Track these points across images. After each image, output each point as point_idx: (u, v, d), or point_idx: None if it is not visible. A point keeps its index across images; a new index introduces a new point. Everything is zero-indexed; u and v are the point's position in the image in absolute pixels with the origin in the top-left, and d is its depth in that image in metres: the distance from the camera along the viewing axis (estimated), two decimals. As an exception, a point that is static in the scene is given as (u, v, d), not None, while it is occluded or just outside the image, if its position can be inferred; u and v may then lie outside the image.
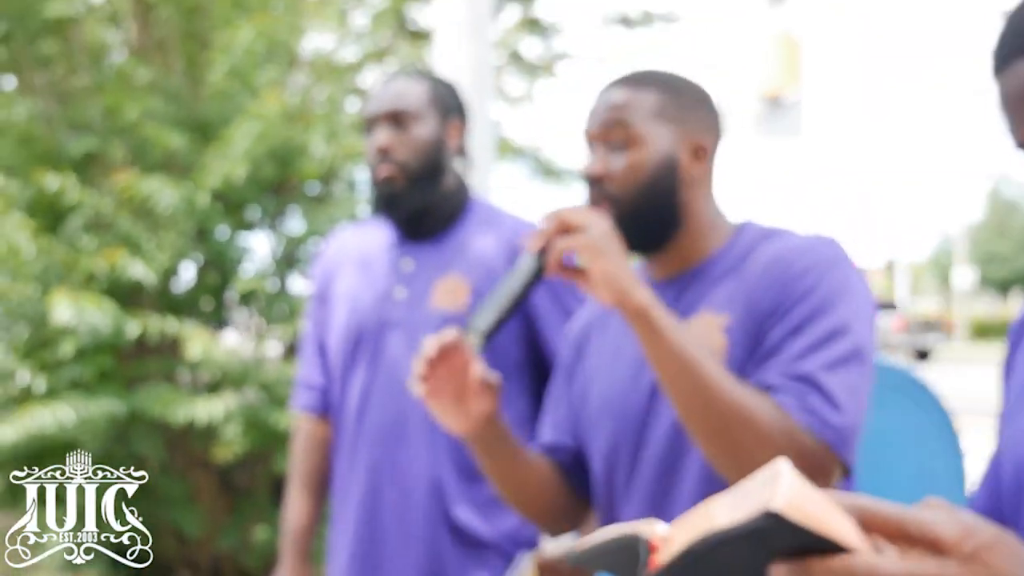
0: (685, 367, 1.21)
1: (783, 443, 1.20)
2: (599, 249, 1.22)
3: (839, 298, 1.28)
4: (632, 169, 1.36)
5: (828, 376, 1.23)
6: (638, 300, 1.22)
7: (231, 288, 3.92)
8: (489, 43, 3.20)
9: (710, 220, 1.41)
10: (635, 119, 1.37)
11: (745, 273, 1.34)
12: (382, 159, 1.90)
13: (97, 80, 4.22)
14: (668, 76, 1.42)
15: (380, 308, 1.94)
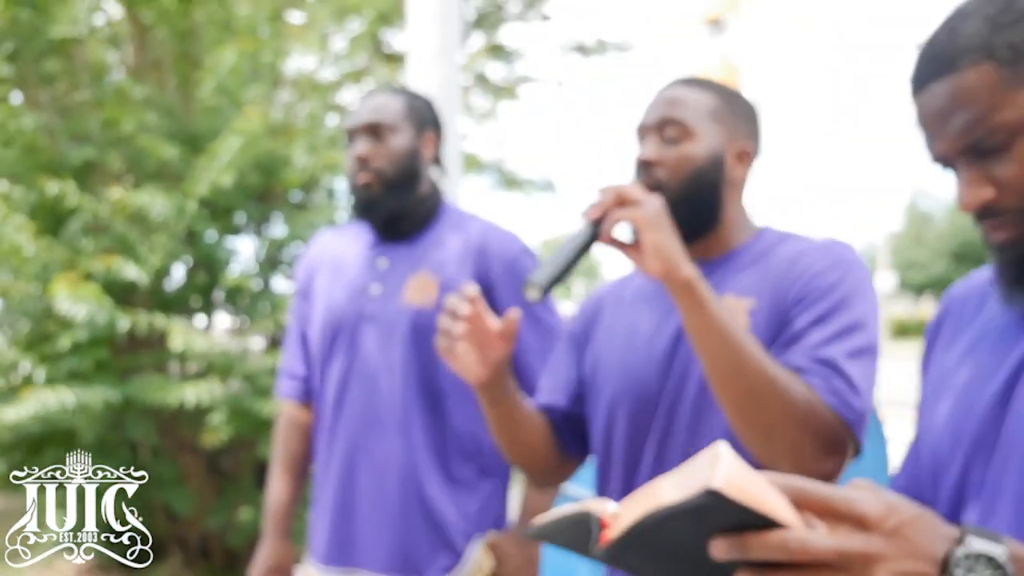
0: (725, 339, 1.19)
1: (808, 419, 1.19)
2: (653, 223, 1.20)
3: (858, 297, 1.28)
4: (683, 159, 1.35)
5: (849, 363, 1.24)
6: (686, 273, 1.20)
7: (218, 287, 3.90)
8: (457, 66, 3.21)
9: (739, 218, 1.41)
10: (690, 115, 1.37)
11: (769, 265, 1.35)
12: (360, 167, 1.91)
13: (97, 96, 4.19)
14: (723, 86, 1.43)
15: (357, 303, 1.95)
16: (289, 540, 2.06)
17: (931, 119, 0.94)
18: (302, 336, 2.08)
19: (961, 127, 0.91)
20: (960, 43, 0.91)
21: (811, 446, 1.19)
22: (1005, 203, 0.92)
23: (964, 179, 0.93)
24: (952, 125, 0.92)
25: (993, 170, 0.91)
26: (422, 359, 1.88)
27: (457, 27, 3.21)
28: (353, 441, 1.92)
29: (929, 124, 0.94)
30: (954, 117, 0.91)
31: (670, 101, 1.38)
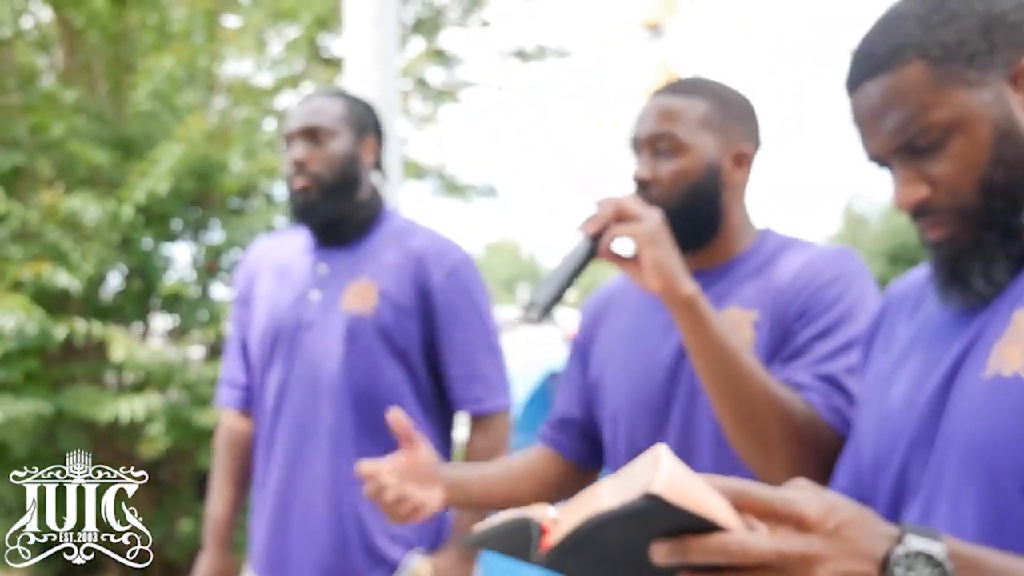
0: (724, 357, 1.18)
1: (808, 436, 1.19)
2: (653, 239, 1.18)
3: (861, 308, 1.28)
4: (678, 175, 1.34)
5: (851, 379, 1.23)
6: (686, 290, 1.18)
7: (155, 295, 3.85)
8: (395, 70, 3.21)
9: (741, 223, 1.40)
10: (682, 128, 1.34)
11: (772, 275, 1.34)
12: (297, 171, 1.90)
13: (26, 100, 4.10)
14: (716, 85, 1.40)
15: (296, 309, 1.94)
16: (230, 551, 2.04)
17: (865, 118, 0.95)
18: (242, 343, 2.06)
19: (895, 126, 0.92)
20: (893, 42, 0.92)
21: (811, 464, 1.18)
22: (939, 201, 0.93)
23: (899, 178, 0.94)
24: (886, 124, 0.93)
25: (927, 168, 0.92)
26: (358, 368, 1.88)
27: (395, 31, 3.22)
28: (290, 450, 1.91)
29: (864, 123, 0.95)
30: (888, 116, 0.92)
31: (661, 113, 1.36)
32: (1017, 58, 0.91)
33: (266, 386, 1.96)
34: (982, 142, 0.90)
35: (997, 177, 0.91)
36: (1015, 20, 0.91)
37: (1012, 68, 0.91)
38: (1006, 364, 0.87)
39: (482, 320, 1.95)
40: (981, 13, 0.91)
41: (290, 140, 1.93)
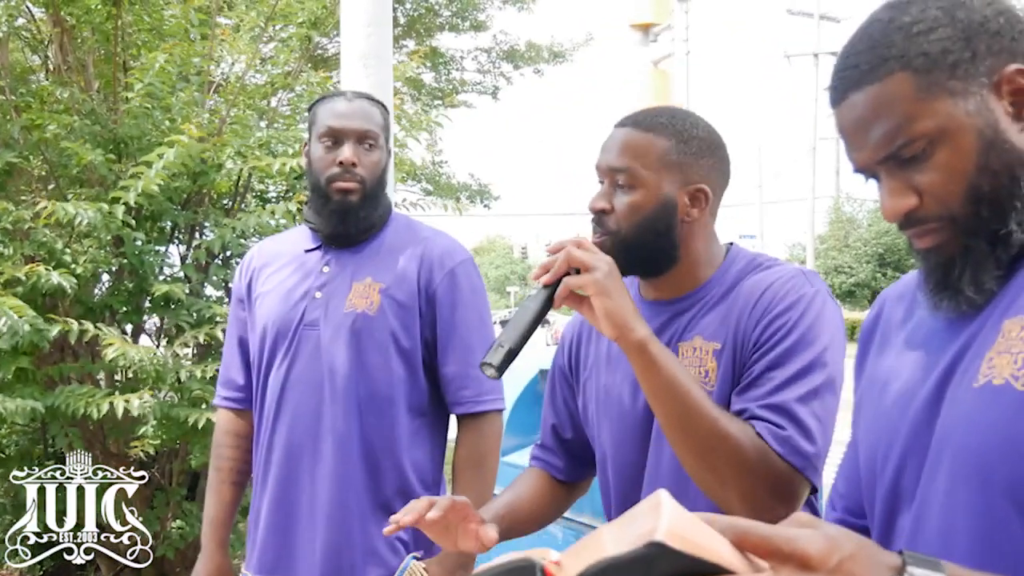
0: (675, 395, 1.24)
1: (759, 468, 1.23)
2: (604, 289, 1.24)
3: (817, 332, 1.30)
4: (632, 209, 1.38)
5: (802, 407, 1.26)
6: (637, 336, 1.24)
7: (147, 294, 3.84)
8: (391, 71, 3.22)
9: (706, 252, 1.44)
10: (640, 164, 1.38)
11: (734, 304, 1.37)
12: (346, 172, 1.90)
13: (19, 99, 4.09)
14: (679, 121, 1.42)
15: (299, 307, 1.94)
16: (227, 551, 2.05)
17: (851, 129, 0.95)
18: (240, 343, 2.06)
19: (881, 136, 0.92)
20: (876, 53, 0.92)
21: (762, 494, 1.22)
22: (927, 210, 0.93)
23: (886, 188, 0.94)
24: (872, 135, 0.93)
25: (914, 178, 0.93)
26: (361, 366, 1.89)
27: (390, 32, 3.22)
28: (290, 449, 1.92)
29: (850, 134, 0.96)
30: (874, 127, 0.93)
31: (621, 148, 1.40)
32: (1000, 66, 0.91)
33: (267, 384, 1.96)
34: (967, 151, 0.91)
35: (983, 185, 0.91)
36: (996, 28, 0.92)
37: (995, 76, 0.91)
38: (996, 373, 0.88)
39: (481, 321, 1.96)
40: (963, 22, 0.92)
41: (337, 138, 1.92)
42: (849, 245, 32.79)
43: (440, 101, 9.87)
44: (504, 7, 11.95)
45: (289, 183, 4.23)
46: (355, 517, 1.88)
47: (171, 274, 4.08)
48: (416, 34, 11.64)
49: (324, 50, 8.21)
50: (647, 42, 11.67)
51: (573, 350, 1.58)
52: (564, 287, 1.27)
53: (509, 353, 1.28)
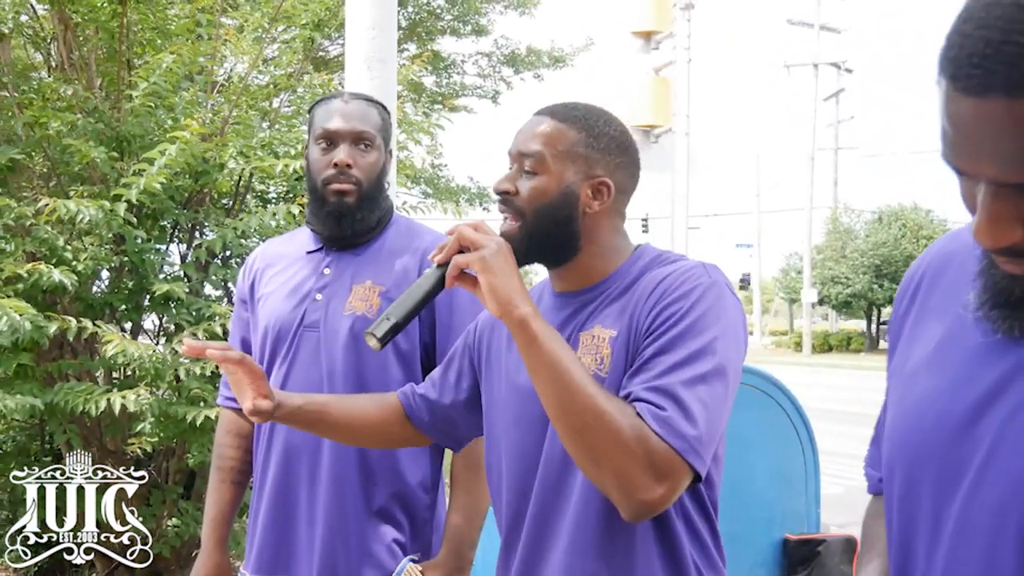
0: (555, 374, 1.26)
1: (636, 447, 1.23)
2: (489, 266, 1.29)
3: (709, 321, 1.31)
4: (535, 192, 1.41)
5: (686, 391, 1.26)
6: (519, 313, 1.28)
7: (147, 292, 3.86)
8: (394, 74, 3.25)
9: (610, 245, 1.46)
10: (548, 151, 1.42)
11: (634, 294, 1.39)
12: (341, 173, 1.91)
13: (22, 95, 4.11)
14: (592, 116, 1.46)
15: (300, 309, 1.96)
16: (227, 550, 2.06)
17: (977, 133, 0.79)
18: (243, 344, 2.08)
19: (1016, 165, 0.78)
20: None
21: (639, 474, 1.22)
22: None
23: (991, 211, 0.82)
24: (1005, 155, 0.78)
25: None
26: (360, 368, 1.90)
27: (394, 36, 3.25)
28: (289, 449, 1.93)
29: (970, 135, 0.79)
30: (1011, 148, 0.77)
31: (532, 134, 1.44)
32: None
33: None
34: None
35: None
36: None
37: None
38: None
39: None
40: None
41: (332, 140, 1.93)
42: (846, 256, 32.83)
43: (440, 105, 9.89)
44: (506, 12, 11.98)
45: (290, 184, 4.26)
46: (352, 519, 1.89)
47: (171, 273, 4.10)
48: (417, 38, 11.67)
49: (326, 52, 8.24)
50: (648, 49, 11.72)
51: (483, 333, 1.61)
52: (453, 265, 1.33)
53: (394, 327, 1.34)
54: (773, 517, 3.18)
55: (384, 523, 1.91)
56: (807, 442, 3.29)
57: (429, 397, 1.66)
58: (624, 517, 1.27)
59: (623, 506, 1.26)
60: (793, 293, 37.95)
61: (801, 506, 3.28)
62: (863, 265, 31.79)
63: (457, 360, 1.65)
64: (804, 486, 3.31)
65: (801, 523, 3.27)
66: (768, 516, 3.18)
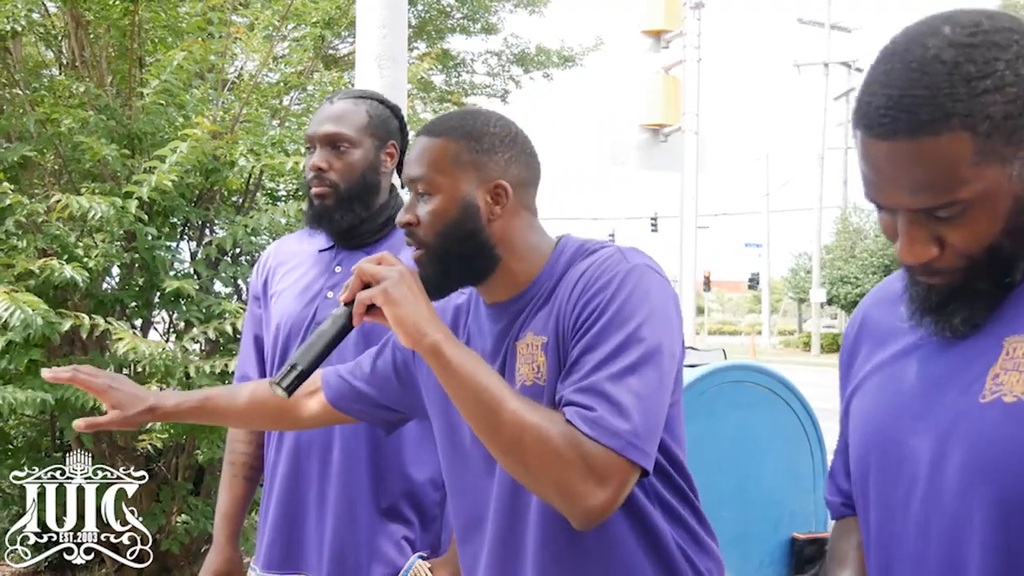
0: (474, 395, 1.23)
1: (569, 455, 1.19)
2: (391, 298, 1.26)
3: (631, 308, 1.27)
4: (434, 216, 1.36)
5: (615, 385, 1.22)
6: (429, 341, 1.25)
7: (157, 289, 3.88)
8: (404, 72, 3.26)
9: (529, 245, 1.41)
10: (434, 170, 1.37)
11: (559, 295, 1.35)
12: (316, 177, 1.92)
13: (34, 93, 4.13)
14: (469, 121, 1.40)
15: (311, 307, 1.97)
16: (238, 545, 2.07)
17: (889, 171, 0.90)
18: (256, 340, 2.09)
19: (925, 192, 0.89)
20: (940, 105, 0.87)
21: (578, 481, 1.19)
22: (945, 262, 0.93)
23: (908, 234, 0.92)
24: (913, 185, 0.89)
25: (939, 231, 0.91)
26: None
27: (404, 34, 3.26)
28: (299, 446, 1.94)
29: (885, 173, 0.91)
30: (919, 179, 0.89)
31: (418, 156, 1.39)
32: None
33: None
34: (1000, 214, 0.90)
35: (1005, 244, 0.91)
36: None
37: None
38: (1007, 390, 0.90)
39: None
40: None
41: (312, 144, 1.95)
42: (856, 256, 32.75)
43: (449, 103, 9.90)
44: (515, 11, 11.98)
45: (300, 182, 4.27)
46: (362, 517, 1.90)
47: (181, 270, 4.11)
48: (427, 36, 11.69)
49: (336, 50, 8.26)
50: (658, 48, 11.71)
51: None
52: (358, 302, 1.30)
53: (301, 374, 1.32)
54: (781, 516, 3.19)
55: (393, 520, 1.92)
56: (816, 441, 3.29)
57: (360, 390, 1.62)
58: (574, 526, 1.24)
59: (570, 515, 1.22)
60: (802, 293, 37.84)
61: (809, 505, 3.28)
62: (873, 265, 31.69)
63: (390, 353, 1.61)
64: (813, 485, 3.31)
65: (809, 522, 3.27)
66: (776, 515, 3.18)
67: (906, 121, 0.88)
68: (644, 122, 11.30)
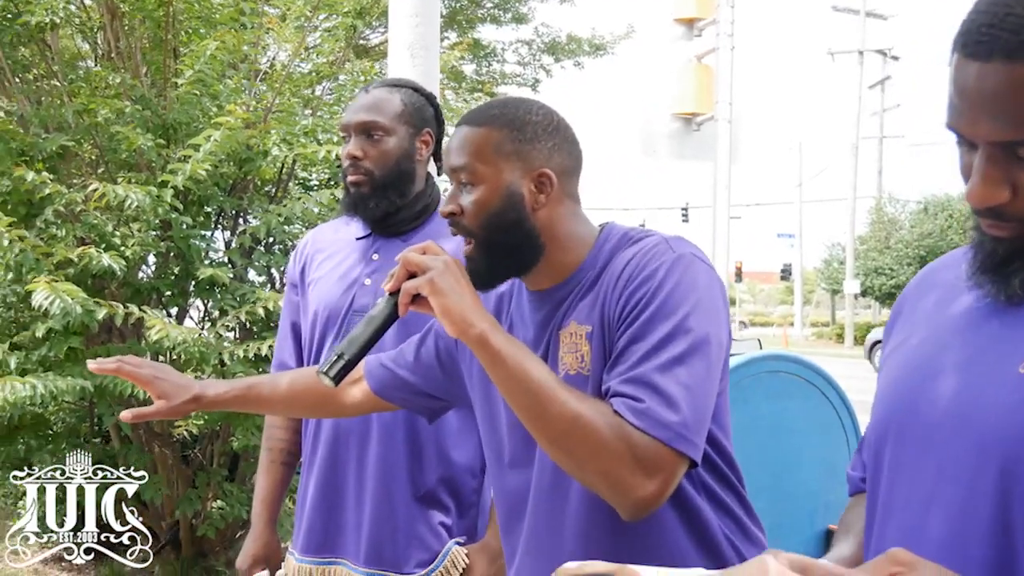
0: (522, 385, 1.23)
1: (618, 446, 1.19)
2: (438, 288, 1.25)
3: (679, 298, 1.26)
4: (478, 206, 1.36)
5: (663, 376, 1.22)
6: (476, 331, 1.24)
7: (192, 278, 3.92)
8: (436, 61, 3.26)
9: (573, 234, 1.41)
10: (477, 159, 1.36)
11: (603, 283, 1.35)
12: (352, 166, 1.94)
13: (71, 84, 4.19)
14: (511, 110, 1.40)
15: (348, 294, 1.99)
16: (276, 530, 2.10)
17: (978, 95, 0.86)
18: (293, 327, 2.11)
19: (1007, 123, 0.85)
20: None
21: (627, 473, 1.19)
22: (1015, 209, 0.89)
23: (983, 172, 0.89)
24: (998, 113, 0.85)
25: (1015, 174, 0.88)
26: None
27: (437, 24, 3.27)
28: (337, 432, 1.96)
29: (971, 97, 0.87)
30: (1005, 107, 0.85)
31: (459, 146, 1.38)
32: None
33: None
34: None
35: None
36: None
37: None
38: None
39: None
40: None
41: (347, 133, 1.96)
42: (890, 247, 32.37)
43: (480, 93, 9.90)
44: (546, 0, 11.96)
45: (332, 171, 4.30)
46: (399, 502, 1.91)
47: (216, 259, 4.16)
48: (458, 26, 11.69)
49: (367, 40, 8.28)
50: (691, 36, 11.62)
51: None
52: (403, 292, 1.29)
53: (347, 364, 1.32)
54: (817, 508, 3.16)
55: (430, 506, 1.93)
56: (852, 432, 3.27)
57: (403, 378, 1.63)
58: (623, 517, 1.24)
59: (618, 506, 1.22)
60: (835, 284, 37.48)
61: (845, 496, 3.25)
62: (908, 256, 31.31)
63: (432, 342, 1.61)
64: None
65: (845, 513, 3.24)
66: (812, 506, 3.16)
67: (1005, 42, 0.84)
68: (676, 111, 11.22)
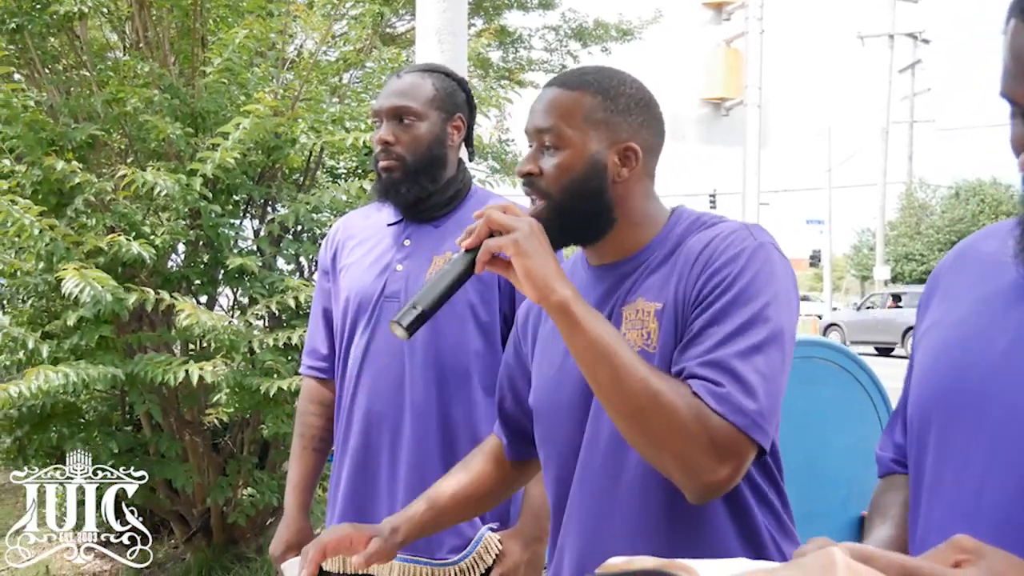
0: (601, 357, 1.20)
1: (695, 428, 1.17)
2: (522, 250, 1.23)
3: (759, 286, 1.25)
4: (560, 170, 1.33)
5: (743, 363, 1.20)
6: (558, 297, 1.22)
7: (221, 266, 3.94)
8: (464, 47, 3.24)
9: (645, 212, 1.39)
10: (565, 123, 1.34)
11: (676, 262, 1.32)
12: (384, 151, 1.93)
13: (100, 73, 4.21)
14: (605, 78, 1.37)
15: (380, 280, 1.98)
16: (308, 515, 2.10)
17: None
18: (325, 313, 2.11)
19: None
20: None
21: (700, 455, 1.17)
22: None
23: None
24: None
25: None
26: (440, 339, 1.92)
27: (464, 10, 3.25)
28: (370, 418, 1.96)
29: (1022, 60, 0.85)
30: None
31: (546, 108, 1.36)
32: None
33: (348, 354, 2.00)
34: None
35: None
36: None
37: None
38: None
39: None
40: None
41: (378, 118, 1.96)
42: (921, 232, 32.03)
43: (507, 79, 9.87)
44: (573, -15, 11.89)
45: (360, 159, 4.30)
46: (431, 477, 1.91)
47: (245, 247, 4.17)
48: (484, 12, 11.65)
49: (393, 28, 8.28)
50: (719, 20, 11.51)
51: (528, 324, 1.55)
52: (484, 250, 1.26)
53: (421, 315, 1.28)
54: (851, 494, 3.14)
55: None
56: (886, 417, 3.23)
57: (505, 411, 1.61)
58: (689, 500, 1.22)
59: (687, 488, 1.21)
60: (865, 270, 37.14)
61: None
62: (939, 242, 30.97)
63: (511, 362, 1.60)
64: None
65: (878, 501, 3.21)
66: (846, 493, 3.13)
67: None
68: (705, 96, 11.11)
